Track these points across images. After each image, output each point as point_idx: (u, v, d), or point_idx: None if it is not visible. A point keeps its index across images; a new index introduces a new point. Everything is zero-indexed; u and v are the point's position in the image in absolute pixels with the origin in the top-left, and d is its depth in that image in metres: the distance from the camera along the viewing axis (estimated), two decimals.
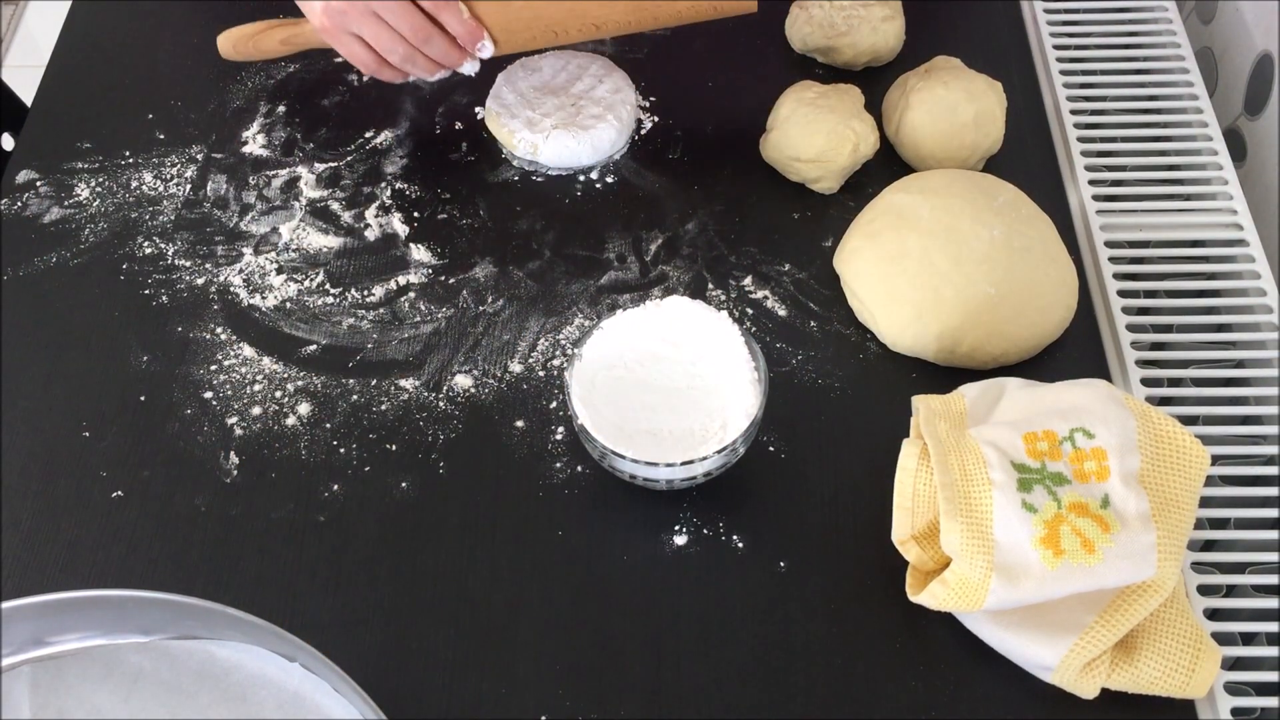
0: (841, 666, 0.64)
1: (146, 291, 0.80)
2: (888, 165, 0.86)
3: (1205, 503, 0.69)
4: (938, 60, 0.87)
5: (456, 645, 0.65)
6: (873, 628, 0.65)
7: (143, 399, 0.75)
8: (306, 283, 0.81)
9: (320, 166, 0.87)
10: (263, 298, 0.80)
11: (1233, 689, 0.63)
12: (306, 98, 0.92)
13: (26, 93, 0.96)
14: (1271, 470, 0.71)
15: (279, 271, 0.81)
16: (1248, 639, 0.66)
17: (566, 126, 0.85)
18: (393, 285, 0.81)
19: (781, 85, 0.86)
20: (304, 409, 0.74)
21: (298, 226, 0.84)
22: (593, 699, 0.63)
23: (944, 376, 0.75)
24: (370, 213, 0.85)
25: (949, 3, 0.97)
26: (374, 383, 0.76)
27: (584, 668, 0.64)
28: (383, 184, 0.86)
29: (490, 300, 0.80)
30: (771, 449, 0.72)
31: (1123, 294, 0.79)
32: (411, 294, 0.80)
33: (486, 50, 0.82)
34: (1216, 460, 0.72)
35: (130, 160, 0.88)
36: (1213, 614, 0.66)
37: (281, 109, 0.91)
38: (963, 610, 0.62)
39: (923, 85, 0.83)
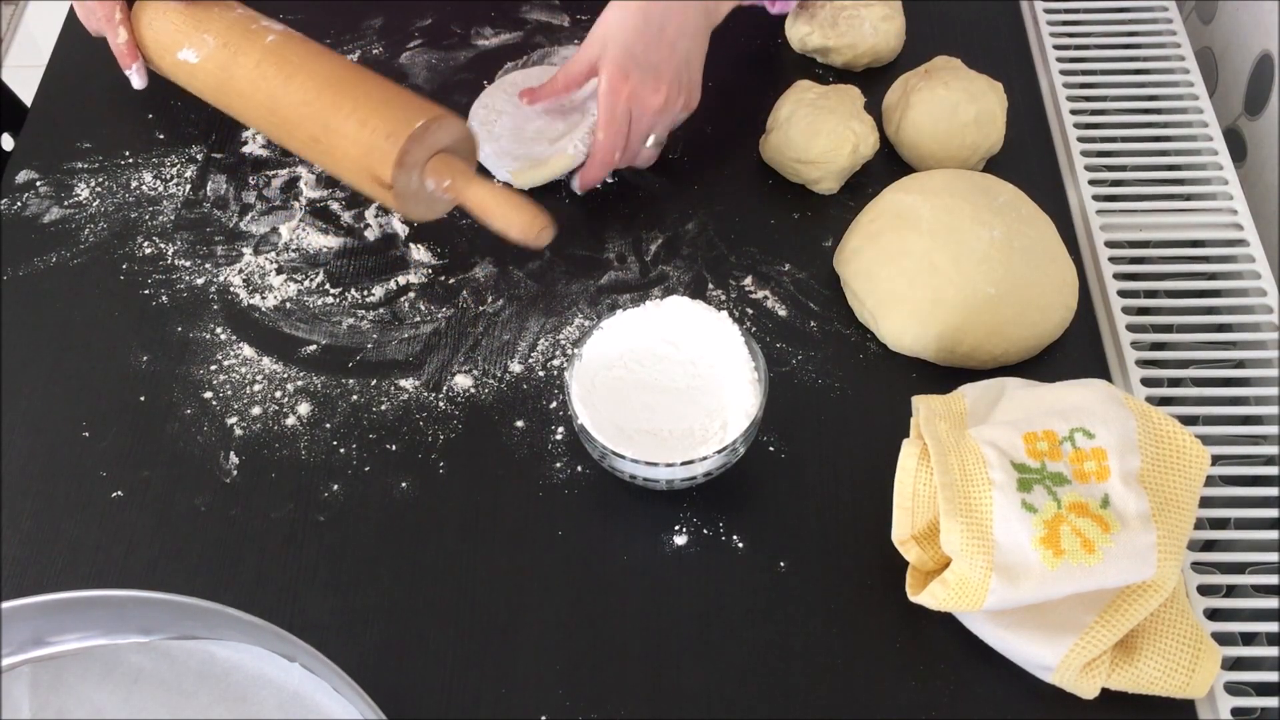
0: (841, 666, 0.64)
1: (146, 291, 0.80)
2: (888, 165, 0.86)
3: (1205, 503, 0.69)
4: (938, 60, 0.87)
5: (456, 645, 0.65)
6: (873, 628, 0.65)
7: (143, 399, 0.75)
8: (306, 283, 0.81)
9: (320, 167, 0.87)
10: (263, 298, 0.80)
11: (1233, 689, 0.63)
12: None
13: (26, 93, 0.96)
14: (1271, 470, 0.71)
15: (279, 271, 0.81)
16: (1248, 639, 0.66)
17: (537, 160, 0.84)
18: (393, 285, 0.81)
19: (781, 85, 0.86)
20: (304, 409, 0.74)
21: (298, 226, 0.84)
22: (593, 699, 0.63)
23: (944, 376, 0.75)
24: (370, 213, 0.85)
25: (949, 3, 0.97)
26: (374, 383, 0.76)
27: (584, 668, 0.64)
28: None
29: (490, 300, 0.80)
30: (771, 449, 0.72)
31: (1123, 294, 0.79)
32: (411, 294, 0.80)
33: (136, 79, 0.86)
34: (1216, 460, 0.72)
35: (130, 160, 0.88)
36: (1213, 614, 0.66)
37: None
38: (963, 610, 0.62)
39: (923, 85, 0.83)
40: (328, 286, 0.81)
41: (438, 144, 0.74)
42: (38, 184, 0.86)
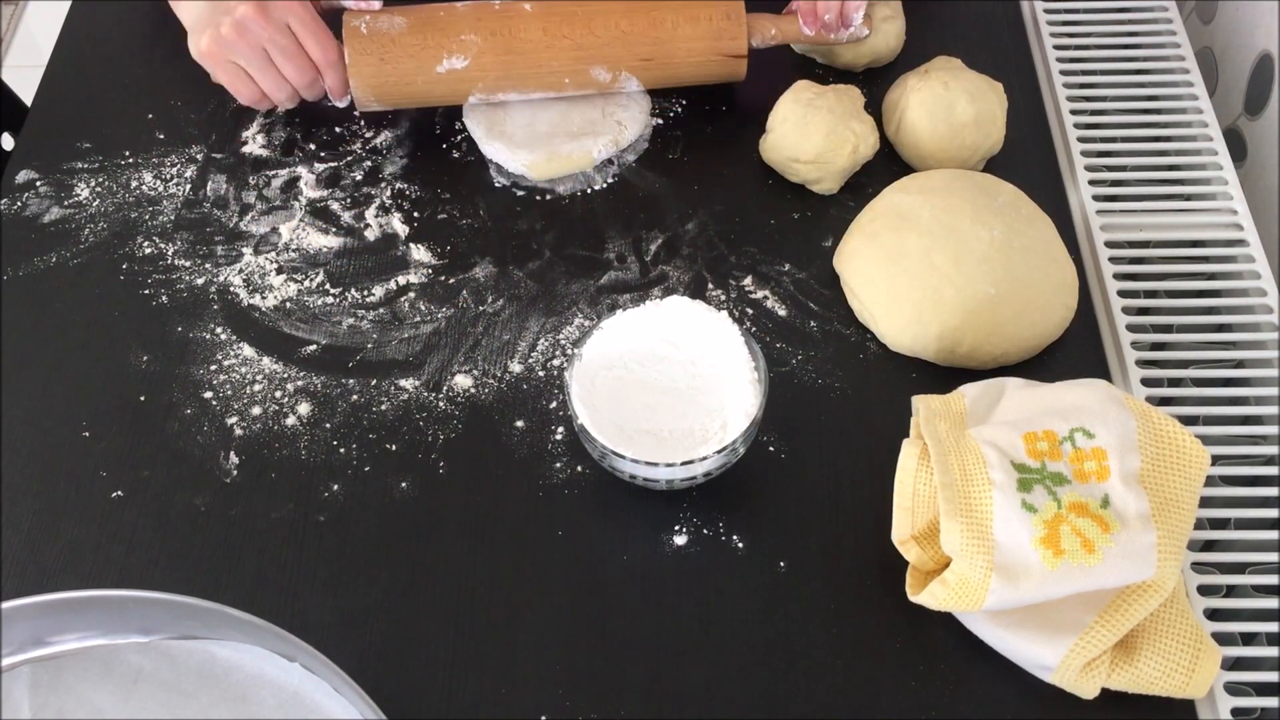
0: (841, 666, 0.64)
1: (146, 291, 0.80)
2: (888, 165, 0.86)
3: (1205, 503, 0.69)
4: (938, 60, 0.87)
5: (456, 645, 0.65)
6: (873, 628, 0.65)
7: (143, 399, 0.75)
8: (306, 283, 0.81)
9: (320, 166, 0.87)
10: (263, 298, 0.80)
11: (1233, 689, 0.63)
12: None
13: (26, 93, 0.96)
14: (1271, 470, 0.71)
15: (279, 271, 0.81)
16: (1248, 639, 0.66)
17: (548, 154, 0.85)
18: (393, 285, 0.81)
19: (781, 85, 0.86)
20: (304, 409, 0.74)
21: (298, 226, 0.84)
22: (593, 699, 0.63)
23: (944, 376, 0.75)
24: (370, 213, 0.85)
25: (949, 3, 0.97)
26: (374, 383, 0.76)
27: (584, 668, 0.64)
28: (383, 184, 0.86)
29: (490, 300, 0.80)
30: (771, 449, 0.72)
31: (1123, 294, 0.79)
32: (411, 294, 0.80)
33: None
34: (1216, 460, 0.72)
35: (130, 160, 0.88)
36: (1213, 614, 0.66)
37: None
38: (963, 610, 0.62)
39: (923, 85, 0.83)
40: (328, 286, 0.81)
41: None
42: (38, 184, 0.86)
